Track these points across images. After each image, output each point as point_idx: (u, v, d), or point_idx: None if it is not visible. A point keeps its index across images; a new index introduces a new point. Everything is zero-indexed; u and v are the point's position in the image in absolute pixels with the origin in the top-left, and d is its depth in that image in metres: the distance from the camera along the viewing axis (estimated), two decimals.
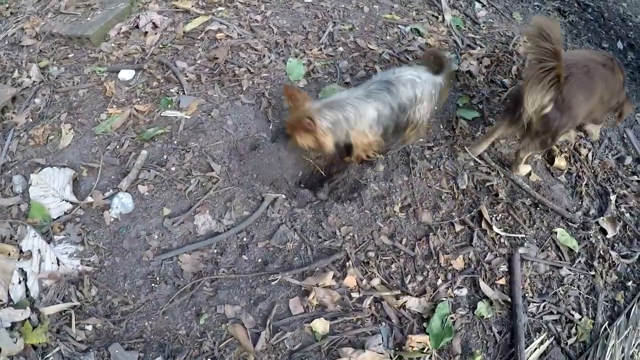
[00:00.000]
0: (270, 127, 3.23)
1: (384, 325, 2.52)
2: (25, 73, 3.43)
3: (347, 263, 2.67)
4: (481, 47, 3.93)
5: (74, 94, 3.31)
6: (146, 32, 3.58)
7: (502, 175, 3.19)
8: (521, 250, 2.87)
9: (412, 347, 2.45)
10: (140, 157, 2.95)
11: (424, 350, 2.44)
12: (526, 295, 2.74)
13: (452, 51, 3.84)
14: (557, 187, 3.26)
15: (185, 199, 2.84)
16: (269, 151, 3.08)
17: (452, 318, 2.57)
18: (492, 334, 2.59)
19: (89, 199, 2.83)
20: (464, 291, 2.69)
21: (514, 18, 4.29)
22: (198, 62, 3.43)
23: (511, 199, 3.10)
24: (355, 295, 2.58)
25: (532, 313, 2.70)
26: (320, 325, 2.46)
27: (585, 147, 3.58)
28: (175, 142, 3.05)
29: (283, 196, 2.92)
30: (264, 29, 3.71)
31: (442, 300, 2.61)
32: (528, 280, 2.80)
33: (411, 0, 4.18)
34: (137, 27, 3.63)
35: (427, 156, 3.21)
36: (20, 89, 3.37)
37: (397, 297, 2.61)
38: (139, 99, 3.24)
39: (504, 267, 2.80)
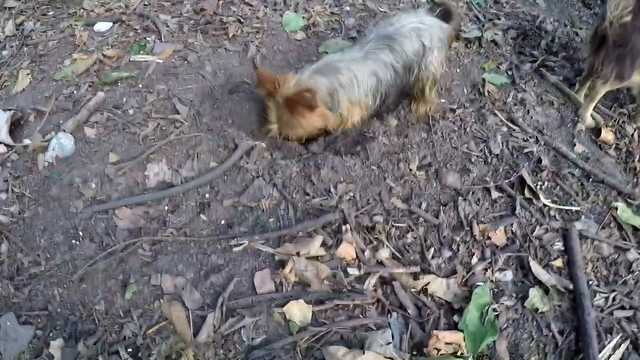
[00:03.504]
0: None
1: (395, 317, 1.43)
2: (1, 29, 2.61)
3: (344, 227, 1.61)
4: (505, 20, 3.00)
5: (43, 44, 2.43)
6: None
7: (543, 143, 2.15)
8: (578, 225, 1.78)
9: (439, 349, 1.34)
10: (95, 98, 2.01)
11: (458, 355, 1.35)
12: (590, 282, 1.64)
13: (473, 22, 2.90)
14: (608, 160, 2.18)
15: (138, 144, 1.86)
16: (250, 96, 2.08)
17: (494, 310, 1.47)
18: (550, 333, 1.48)
19: (27, 141, 1.89)
20: (509, 274, 1.59)
21: (537, 3, 3.37)
22: (184, 15, 2.56)
23: (557, 168, 2.04)
24: (353, 271, 1.51)
25: (599, 307, 1.58)
26: (298, 311, 1.39)
27: (630, 125, 2.51)
28: (140, 85, 2.10)
29: (263, 145, 1.90)
30: None
31: (480, 285, 1.52)
32: (590, 263, 1.69)
33: None
34: None
35: (450, 118, 2.20)
36: None
37: (415, 277, 1.53)
38: (109, 47, 2.35)
39: (558, 245, 1.71)
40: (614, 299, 1.60)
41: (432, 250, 1.61)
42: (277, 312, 1.38)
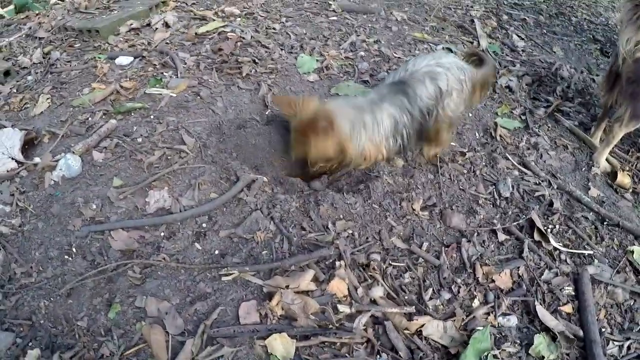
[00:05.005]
0: (267, 113, 2.36)
1: (385, 359, 1.39)
2: (29, 56, 2.85)
3: (338, 263, 1.61)
4: (521, 66, 3.06)
5: (66, 73, 2.63)
6: (156, 29, 2.97)
7: (555, 187, 2.13)
8: (591, 269, 1.73)
9: None
10: (107, 125, 2.14)
11: None
12: (603, 330, 1.56)
13: None
14: (624, 204, 2.15)
15: (142, 171, 1.94)
16: (257, 131, 2.16)
17: (495, 357, 1.41)
18: None
19: (37, 160, 2.01)
20: (513, 319, 1.53)
21: (554, 52, 3.44)
22: (202, 54, 2.72)
23: (569, 212, 2.01)
24: (344, 309, 1.49)
25: (612, 356, 1.51)
26: (281, 345, 1.36)
27: None
28: (152, 116, 2.22)
29: (265, 179, 1.94)
30: (281, 35, 3.02)
31: (479, 329, 1.47)
32: (603, 310, 1.63)
33: (444, 27, 3.44)
34: (149, 24, 3.03)
35: (460, 161, 2.22)
36: (19, 67, 2.77)
37: (409, 318, 1.49)
38: (127, 79, 2.51)
39: (568, 290, 1.66)
40: (629, 348, 1.52)
41: (430, 291, 1.57)
42: (259, 345, 1.36)
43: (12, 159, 2.04)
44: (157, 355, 1.31)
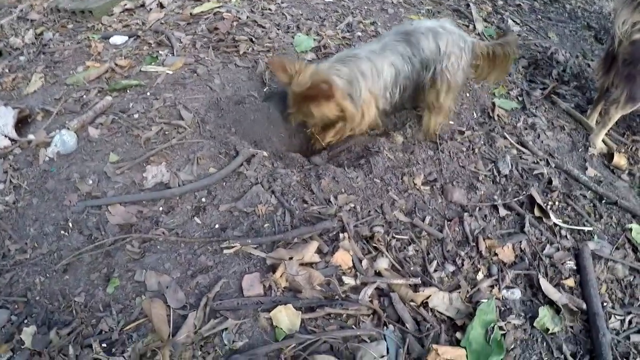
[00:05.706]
0: (265, 90, 2.30)
1: (391, 330, 1.35)
2: (21, 37, 2.74)
3: (342, 235, 1.56)
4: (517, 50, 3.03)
5: (59, 53, 2.54)
6: (150, 9, 2.88)
7: (553, 166, 2.10)
8: (591, 245, 1.70)
9: None
10: (102, 102, 2.06)
11: None
12: (604, 304, 1.54)
13: None
14: (621, 184, 2.13)
15: (140, 146, 1.87)
16: (256, 107, 2.10)
17: (501, 329, 1.38)
18: (562, 356, 1.37)
19: (31, 137, 1.94)
20: (517, 292, 1.50)
21: (549, 37, 3.41)
22: (198, 33, 2.64)
23: (568, 190, 1.98)
24: (349, 280, 1.44)
25: (614, 329, 1.48)
26: (286, 317, 1.31)
27: None
28: (148, 93, 2.15)
29: (265, 153, 1.89)
30: (277, 15, 2.95)
31: (485, 301, 1.43)
32: (604, 285, 1.61)
33: (439, 11, 3.39)
34: (142, 5, 2.94)
35: (459, 139, 2.18)
36: (10, 48, 2.67)
37: (415, 289, 1.45)
38: (122, 57, 2.43)
39: (570, 264, 1.62)
40: (630, 322, 1.49)
41: (434, 263, 1.54)
42: (263, 317, 1.31)
43: (5, 136, 1.97)
44: (159, 329, 1.25)
